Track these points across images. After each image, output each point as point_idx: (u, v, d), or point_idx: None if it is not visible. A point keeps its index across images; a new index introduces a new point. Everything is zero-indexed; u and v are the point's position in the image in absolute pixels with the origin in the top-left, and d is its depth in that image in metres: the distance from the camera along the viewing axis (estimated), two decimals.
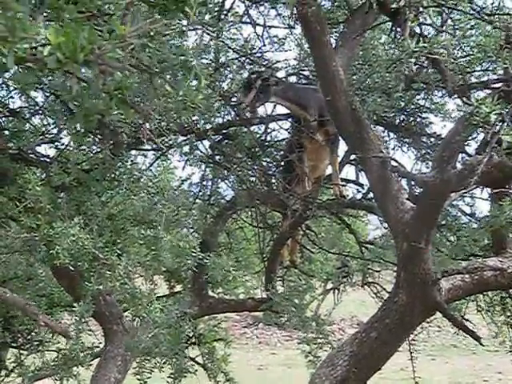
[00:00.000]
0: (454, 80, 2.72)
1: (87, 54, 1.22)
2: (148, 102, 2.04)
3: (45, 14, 1.46)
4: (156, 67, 1.57)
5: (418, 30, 2.64)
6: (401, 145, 4.95)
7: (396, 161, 3.61)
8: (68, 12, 1.47)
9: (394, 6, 2.49)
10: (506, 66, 2.65)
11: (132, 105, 1.38)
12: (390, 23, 2.91)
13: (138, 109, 1.56)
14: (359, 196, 4.85)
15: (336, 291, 5.89)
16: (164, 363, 4.12)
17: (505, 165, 3.13)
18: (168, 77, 1.75)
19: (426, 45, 1.99)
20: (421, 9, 2.46)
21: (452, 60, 2.60)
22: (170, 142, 4.46)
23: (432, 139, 4.83)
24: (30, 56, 1.22)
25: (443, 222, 4.47)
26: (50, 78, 3.39)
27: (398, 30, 2.55)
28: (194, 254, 3.39)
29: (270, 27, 4.66)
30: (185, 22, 1.95)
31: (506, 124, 2.23)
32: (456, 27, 2.31)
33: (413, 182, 3.64)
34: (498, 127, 2.20)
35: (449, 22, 2.68)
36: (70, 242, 3.24)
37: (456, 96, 2.23)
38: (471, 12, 2.48)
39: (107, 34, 1.31)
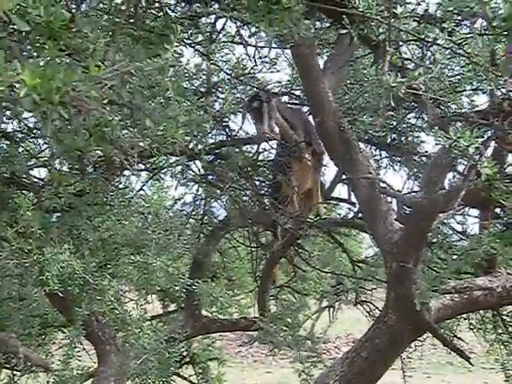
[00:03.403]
0: (435, 113, 2.75)
1: (63, 95, 1.24)
2: (130, 136, 2.07)
3: (24, 51, 1.49)
4: (137, 101, 1.60)
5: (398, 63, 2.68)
6: (392, 164, 4.98)
7: (385, 182, 3.64)
8: (49, 48, 1.50)
9: (374, 39, 2.53)
10: (491, 88, 2.68)
11: (111, 141, 1.40)
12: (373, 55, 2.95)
13: (117, 144, 1.59)
14: (351, 215, 4.87)
15: (331, 309, 5.91)
16: None
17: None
18: (149, 108, 1.77)
19: (404, 80, 2.02)
20: (401, 43, 2.51)
21: (431, 94, 2.63)
22: (162, 163, 4.48)
23: (424, 158, 4.85)
24: (7, 96, 1.24)
25: (434, 240, 4.49)
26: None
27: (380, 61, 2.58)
28: (182, 281, 3.41)
29: (261, 47, 4.70)
30: (169, 54, 1.97)
31: (483, 157, 2.27)
32: (435, 60, 2.35)
33: (401, 203, 3.66)
34: (475, 160, 2.23)
35: (429, 54, 2.71)
36: (60, 267, 3.25)
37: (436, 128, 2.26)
38: (450, 45, 2.51)
39: (84, 73, 1.33)
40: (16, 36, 1.49)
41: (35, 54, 1.43)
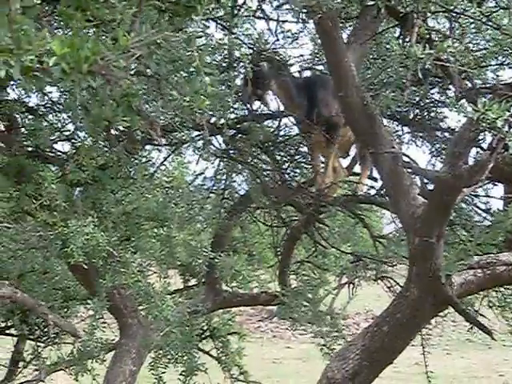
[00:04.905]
0: (462, 85, 2.73)
1: (91, 64, 1.25)
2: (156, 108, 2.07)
3: (54, 22, 1.49)
4: (164, 72, 1.60)
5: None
6: (415, 139, 4.96)
7: (408, 156, 3.63)
8: (77, 20, 1.51)
9: (402, 11, 2.50)
10: None
11: (138, 112, 1.40)
12: (399, 28, 2.92)
13: (144, 116, 1.59)
14: (373, 192, 4.86)
15: (351, 285, 5.91)
16: (176, 360, 4.16)
17: None
18: (176, 80, 1.77)
19: (432, 52, 2.00)
20: (429, 14, 2.47)
21: (459, 66, 2.60)
22: (184, 138, 4.49)
23: (446, 134, 4.83)
24: (37, 66, 1.25)
25: (457, 220, 4.48)
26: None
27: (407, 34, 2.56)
28: (205, 254, 3.43)
29: (283, 22, 4.67)
30: (195, 24, 1.97)
31: None
32: (463, 32, 2.32)
33: (425, 178, 3.65)
34: (504, 133, 2.21)
35: (456, 25, 2.68)
36: (85, 240, 3.28)
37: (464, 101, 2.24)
38: (480, 17, 2.48)
39: (112, 43, 1.34)
40: (44, 7, 1.49)
41: (63, 24, 1.43)
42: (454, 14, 2.60)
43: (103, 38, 1.44)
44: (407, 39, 2.54)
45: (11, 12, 1.18)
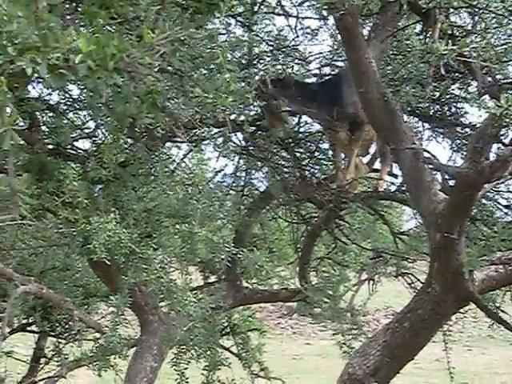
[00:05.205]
0: (484, 80, 2.72)
1: (117, 61, 1.25)
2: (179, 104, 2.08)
3: (77, 20, 1.50)
4: (186, 69, 1.60)
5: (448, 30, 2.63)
6: (435, 135, 4.94)
7: (429, 152, 3.61)
8: (101, 18, 1.51)
9: (424, 6, 2.49)
10: None
11: (162, 109, 1.41)
12: (421, 23, 2.91)
13: (168, 113, 1.60)
14: (393, 188, 4.84)
15: (371, 282, 5.91)
16: (199, 355, 4.18)
17: None
18: (198, 77, 1.78)
19: (455, 47, 1.99)
20: (451, 10, 2.46)
21: (482, 61, 2.58)
22: (204, 135, 4.50)
23: (467, 129, 4.80)
24: (63, 64, 1.26)
25: (478, 216, 4.46)
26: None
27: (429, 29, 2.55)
28: (227, 249, 3.44)
29: (303, 18, 4.66)
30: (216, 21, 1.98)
31: None
32: (486, 27, 2.31)
33: (446, 174, 3.63)
34: None
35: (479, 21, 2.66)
36: (107, 236, 3.30)
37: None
38: (503, 12, 2.46)
39: (136, 40, 1.34)
40: (69, 5, 1.50)
41: (88, 22, 1.44)
42: (477, 9, 2.59)
43: (127, 35, 1.44)
44: (429, 35, 2.53)
45: (38, 10, 1.19)
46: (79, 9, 1.57)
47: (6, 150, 1.26)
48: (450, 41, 2.31)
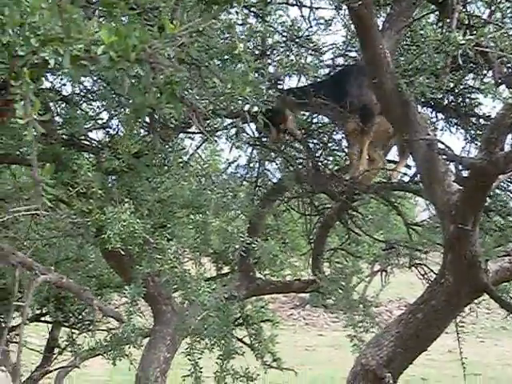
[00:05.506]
0: (501, 70, 2.71)
1: (139, 52, 1.26)
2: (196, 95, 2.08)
3: (97, 11, 1.51)
4: (204, 60, 1.61)
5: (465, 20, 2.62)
6: (449, 126, 4.92)
7: (443, 143, 3.61)
8: (120, 9, 1.52)
9: None
10: None
11: (181, 99, 1.41)
12: (437, 13, 2.90)
13: (186, 103, 1.60)
14: (406, 179, 4.83)
15: (383, 273, 5.90)
16: (213, 345, 4.19)
17: None
18: (216, 67, 1.78)
19: (472, 37, 1.98)
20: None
21: (499, 51, 2.57)
22: (217, 125, 4.50)
23: (481, 120, 4.79)
24: (85, 55, 1.26)
25: (492, 207, 4.45)
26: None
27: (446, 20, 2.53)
28: (242, 239, 3.45)
29: (316, 8, 4.65)
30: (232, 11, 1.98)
31: None
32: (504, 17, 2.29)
33: (460, 164, 3.63)
34: None
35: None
36: (121, 227, 3.31)
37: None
38: None
39: (157, 31, 1.35)
40: None
41: (108, 13, 1.44)
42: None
43: (147, 26, 1.45)
44: (446, 25, 2.52)
45: (61, 1, 1.19)
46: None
47: (29, 140, 1.27)
48: (467, 31, 2.30)
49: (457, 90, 4.71)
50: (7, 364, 5.78)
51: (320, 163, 4.90)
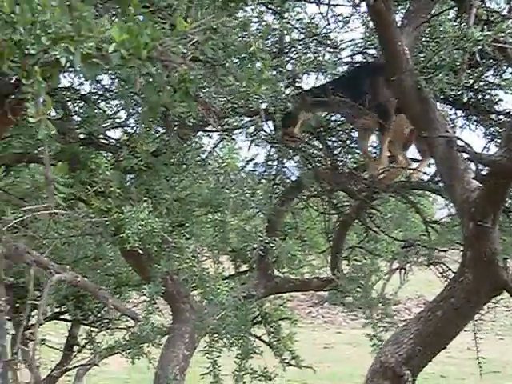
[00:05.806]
0: None
1: (150, 50, 1.25)
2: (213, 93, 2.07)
3: (110, 9, 1.50)
4: (219, 58, 1.60)
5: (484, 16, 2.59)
6: (469, 123, 4.88)
7: (462, 140, 3.58)
8: (133, 6, 1.51)
9: None
10: None
11: (195, 98, 1.41)
12: (456, 9, 2.87)
13: (201, 101, 1.59)
14: (425, 178, 4.80)
15: (402, 271, 5.87)
16: (231, 344, 4.19)
17: None
18: (230, 65, 1.77)
19: (490, 33, 1.96)
20: None
21: None
22: (235, 124, 4.50)
23: (501, 117, 4.74)
24: (96, 53, 1.26)
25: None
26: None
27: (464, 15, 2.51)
28: (260, 237, 3.44)
29: (334, 5, 4.63)
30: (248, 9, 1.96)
31: None
32: None
33: (479, 162, 3.59)
34: None
35: None
36: (140, 225, 3.32)
37: None
38: None
39: (170, 29, 1.34)
40: None
41: (121, 11, 1.44)
42: None
43: (160, 24, 1.44)
44: (464, 21, 2.49)
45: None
46: None
47: (41, 139, 1.27)
48: (485, 26, 2.28)
49: (476, 87, 4.67)
50: (28, 361, 5.81)
51: (339, 161, 4.88)
